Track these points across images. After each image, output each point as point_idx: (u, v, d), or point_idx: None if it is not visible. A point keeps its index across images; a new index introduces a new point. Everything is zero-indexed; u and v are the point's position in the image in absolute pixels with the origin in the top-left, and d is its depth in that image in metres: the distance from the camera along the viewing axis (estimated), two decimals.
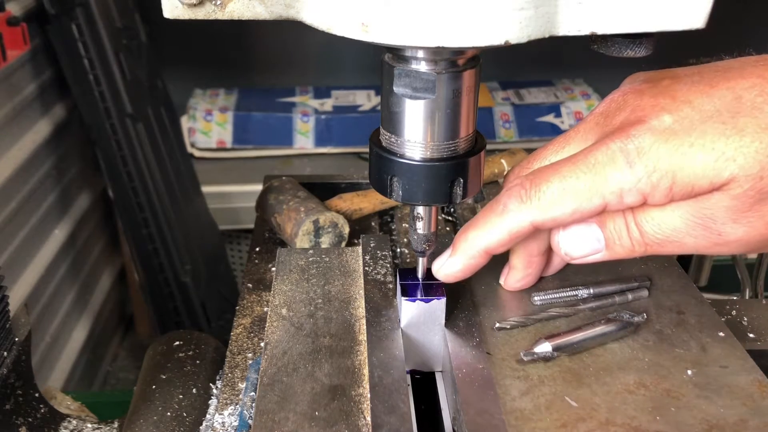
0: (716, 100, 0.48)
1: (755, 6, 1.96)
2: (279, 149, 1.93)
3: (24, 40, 1.32)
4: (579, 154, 0.51)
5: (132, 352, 1.91)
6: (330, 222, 0.79)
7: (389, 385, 0.52)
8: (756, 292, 1.25)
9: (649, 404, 0.51)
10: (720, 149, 0.46)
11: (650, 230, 0.51)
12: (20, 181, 1.34)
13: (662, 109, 0.49)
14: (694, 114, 0.48)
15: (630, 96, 0.52)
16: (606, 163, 0.49)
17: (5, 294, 0.62)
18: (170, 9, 0.48)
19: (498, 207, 0.54)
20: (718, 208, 0.48)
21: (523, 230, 0.53)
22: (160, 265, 1.58)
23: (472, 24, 0.43)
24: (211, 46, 1.98)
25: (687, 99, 0.49)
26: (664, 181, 0.48)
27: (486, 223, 0.54)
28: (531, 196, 0.52)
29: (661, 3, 0.46)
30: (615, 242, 0.53)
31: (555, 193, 0.51)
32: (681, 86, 0.50)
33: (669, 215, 0.50)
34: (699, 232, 0.50)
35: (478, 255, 0.55)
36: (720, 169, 0.46)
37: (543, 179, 0.52)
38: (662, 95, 0.50)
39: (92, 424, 0.67)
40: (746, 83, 0.48)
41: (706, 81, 0.49)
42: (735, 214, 0.48)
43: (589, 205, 0.50)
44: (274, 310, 0.62)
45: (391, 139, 0.53)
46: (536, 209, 0.52)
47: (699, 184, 0.47)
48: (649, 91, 0.51)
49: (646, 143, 0.48)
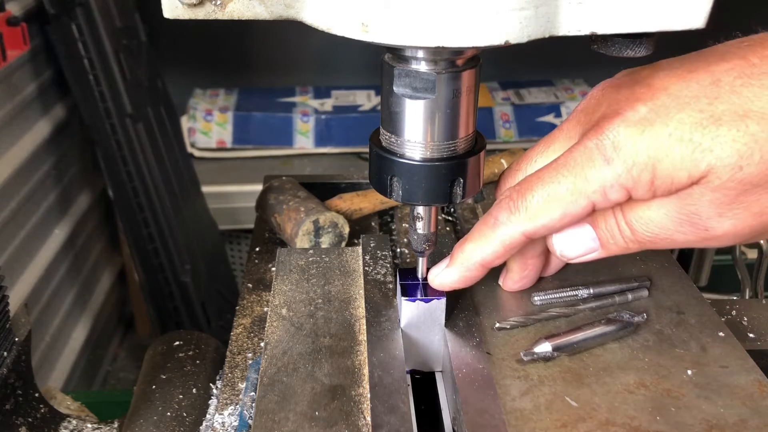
0: (693, 84, 0.46)
1: (755, 6, 1.96)
2: (279, 149, 1.93)
3: (24, 40, 1.32)
4: (560, 158, 0.51)
5: (132, 352, 1.91)
6: (330, 222, 0.79)
7: (389, 385, 0.52)
8: (756, 292, 1.25)
9: (649, 404, 0.51)
10: (697, 140, 0.45)
11: (640, 228, 0.51)
12: (20, 181, 1.34)
13: (637, 100, 0.48)
14: (671, 101, 0.46)
15: (608, 90, 0.51)
16: (584, 163, 0.49)
17: (5, 294, 0.62)
18: (170, 9, 0.48)
19: (490, 220, 0.54)
20: (701, 202, 0.47)
21: (516, 241, 0.53)
22: (160, 265, 1.58)
23: (472, 24, 0.43)
24: (211, 46, 1.98)
25: (663, 86, 0.47)
26: (644, 174, 0.47)
27: (481, 237, 0.54)
28: (519, 206, 0.52)
29: (661, 3, 0.46)
30: (609, 241, 0.53)
31: (540, 201, 0.51)
32: (659, 74, 0.49)
33: (656, 213, 0.50)
34: (687, 228, 0.49)
35: (474, 268, 0.56)
36: (697, 160, 0.45)
37: (527, 189, 0.51)
38: (638, 85, 0.49)
39: (92, 424, 0.67)
40: (726, 65, 0.46)
41: (685, 67, 0.48)
42: (719, 208, 0.47)
43: (575, 207, 0.50)
44: (274, 310, 0.62)
45: (391, 139, 0.53)
46: (525, 219, 0.52)
47: (678, 177, 0.46)
48: (627, 83, 0.50)
49: (621, 137, 0.47)
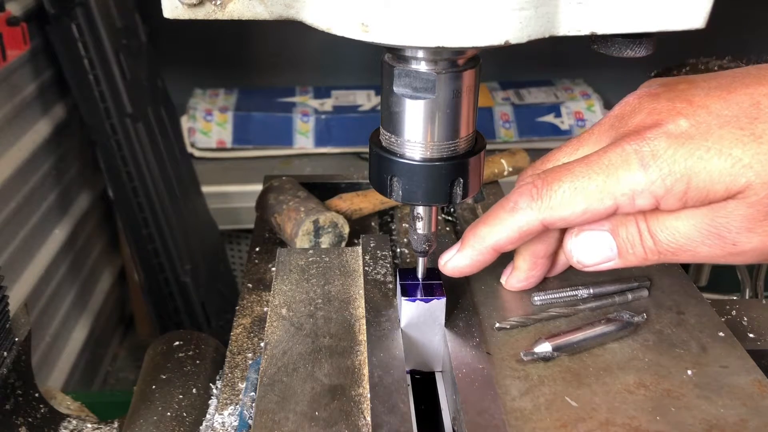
0: (734, 105, 0.47)
1: (755, 6, 1.96)
2: (279, 149, 1.93)
3: (24, 40, 1.32)
4: (593, 155, 0.51)
5: (132, 352, 1.91)
6: (330, 222, 0.79)
7: (389, 385, 0.52)
8: (756, 292, 1.25)
9: (649, 404, 0.51)
10: (737, 155, 0.46)
11: (664, 239, 0.51)
12: (20, 181, 1.34)
13: (678, 113, 0.48)
14: (711, 119, 0.47)
15: (645, 99, 0.51)
16: (619, 165, 0.49)
17: (5, 294, 0.62)
18: (170, 9, 0.48)
19: (509, 204, 0.53)
20: (733, 216, 0.47)
21: (532, 228, 0.53)
22: (160, 265, 1.58)
23: (472, 24, 0.43)
24: (211, 46, 1.98)
25: (704, 104, 0.48)
26: (678, 185, 0.47)
27: (496, 220, 0.54)
28: (542, 194, 0.52)
29: (661, 3, 0.46)
30: (628, 250, 0.53)
31: (566, 192, 0.51)
32: (698, 91, 0.49)
33: (683, 223, 0.50)
34: (713, 242, 0.49)
35: (487, 251, 0.55)
36: (736, 175, 0.46)
37: (555, 178, 0.51)
38: (678, 99, 0.49)
39: (92, 424, 0.67)
40: (765, 89, 0.47)
41: (723, 87, 0.49)
42: (750, 224, 0.47)
43: (600, 205, 0.50)
44: (274, 310, 0.62)
45: (391, 139, 0.53)
46: (547, 208, 0.51)
47: (714, 190, 0.47)
48: (665, 94, 0.50)
49: (661, 146, 0.47)
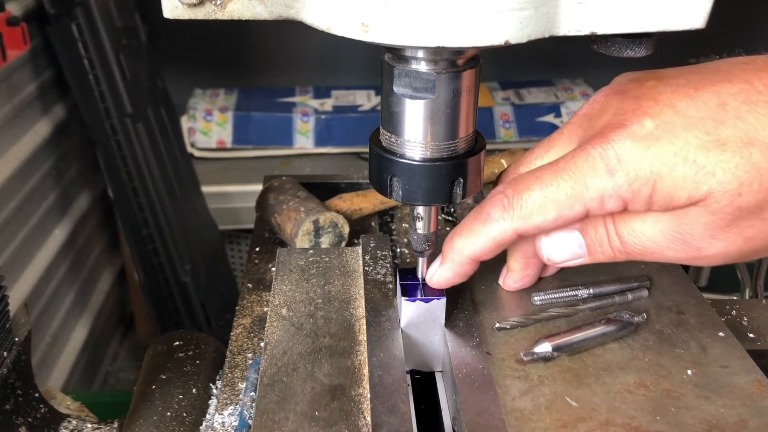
0: (700, 104, 0.47)
1: (755, 6, 1.96)
2: (279, 149, 1.93)
3: (24, 40, 1.32)
4: (560, 161, 0.51)
5: (132, 352, 1.91)
6: (330, 222, 0.79)
7: (389, 385, 0.52)
8: (756, 292, 1.25)
9: (649, 404, 0.51)
10: (701, 162, 0.45)
11: (630, 241, 0.51)
12: (20, 181, 1.34)
13: (644, 113, 0.48)
14: (677, 119, 0.47)
15: (612, 98, 0.51)
16: (586, 171, 0.49)
17: (5, 294, 0.62)
18: (170, 9, 0.48)
19: (482, 215, 0.53)
20: (696, 223, 0.47)
21: (506, 238, 0.53)
22: (160, 265, 1.58)
23: (472, 24, 0.43)
24: (211, 46, 1.98)
25: (670, 102, 0.47)
26: (645, 188, 0.47)
27: (471, 232, 0.54)
28: (513, 204, 0.51)
29: (661, 3, 0.46)
30: (596, 249, 0.53)
31: (536, 201, 0.51)
32: (665, 88, 0.49)
33: (649, 228, 0.50)
34: (678, 246, 0.49)
35: (466, 263, 0.55)
36: (699, 182, 0.45)
37: (524, 187, 0.51)
38: (645, 97, 0.49)
39: (92, 424, 0.66)
40: (732, 88, 0.46)
41: (691, 84, 0.48)
42: (713, 231, 0.47)
43: (571, 212, 0.50)
44: (274, 310, 0.62)
45: (391, 139, 0.53)
46: (518, 218, 0.51)
47: (678, 196, 0.47)
48: (632, 92, 0.50)
49: (625, 150, 0.47)
